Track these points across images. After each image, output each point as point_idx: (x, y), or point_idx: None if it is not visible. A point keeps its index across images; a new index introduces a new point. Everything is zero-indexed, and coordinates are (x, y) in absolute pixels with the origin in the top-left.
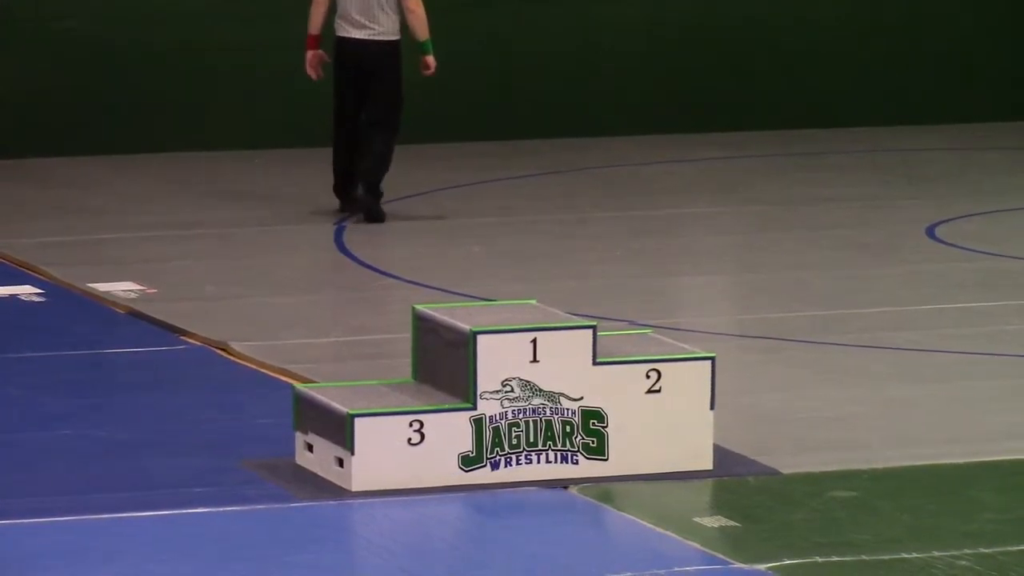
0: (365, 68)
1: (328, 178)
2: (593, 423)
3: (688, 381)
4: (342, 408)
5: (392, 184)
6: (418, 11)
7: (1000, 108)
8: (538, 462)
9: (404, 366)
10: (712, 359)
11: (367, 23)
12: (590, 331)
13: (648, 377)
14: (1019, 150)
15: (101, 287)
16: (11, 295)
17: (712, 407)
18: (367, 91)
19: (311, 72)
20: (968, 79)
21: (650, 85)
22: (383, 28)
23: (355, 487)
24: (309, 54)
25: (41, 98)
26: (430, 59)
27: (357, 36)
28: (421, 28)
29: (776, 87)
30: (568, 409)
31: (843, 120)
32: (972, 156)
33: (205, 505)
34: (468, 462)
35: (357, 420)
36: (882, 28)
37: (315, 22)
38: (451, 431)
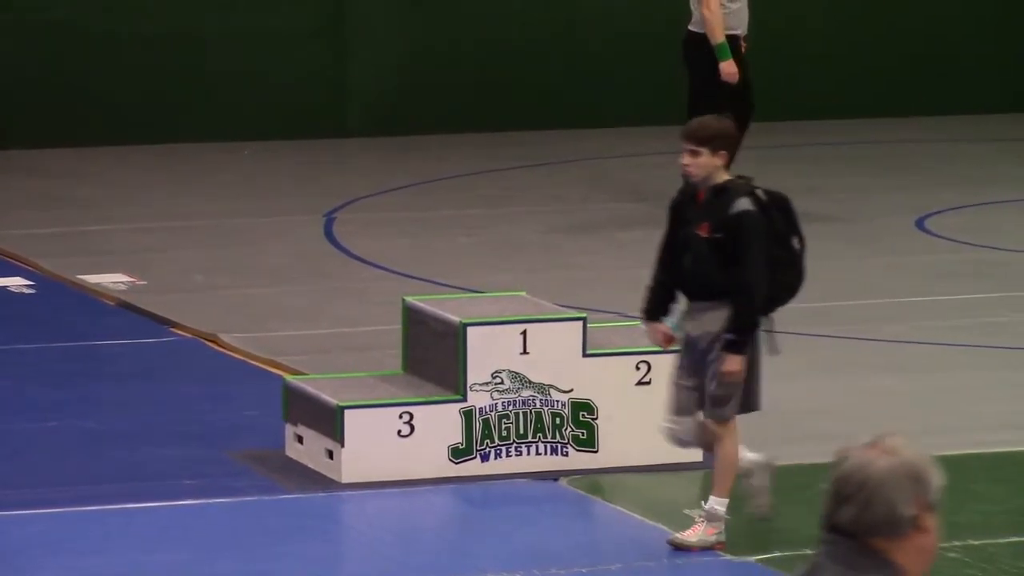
0: (685, 58)
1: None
2: (583, 415)
3: None
4: (332, 400)
5: (382, 176)
6: (706, 13)
7: (988, 99)
8: (528, 454)
9: (394, 358)
10: None
11: (694, 11)
12: (580, 323)
13: (638, 369)
14: (1007, 141)
15: (91, 279)
16: (1, 287)
17: None
18: None
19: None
20: (956, 70)
21: (639, 77)
22: (694, 18)
23: (345, 479)
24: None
25: (29, 89)
26: (721, 66)
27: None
28: (709, 30)
29: (763, 78)
30: (558, 401)
31: (831, 111)
32: (960, 147)
33: (195, 496)
34: (458, 454)
35: (347, 412)
36: (869, 19)
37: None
38: (441, 423)
